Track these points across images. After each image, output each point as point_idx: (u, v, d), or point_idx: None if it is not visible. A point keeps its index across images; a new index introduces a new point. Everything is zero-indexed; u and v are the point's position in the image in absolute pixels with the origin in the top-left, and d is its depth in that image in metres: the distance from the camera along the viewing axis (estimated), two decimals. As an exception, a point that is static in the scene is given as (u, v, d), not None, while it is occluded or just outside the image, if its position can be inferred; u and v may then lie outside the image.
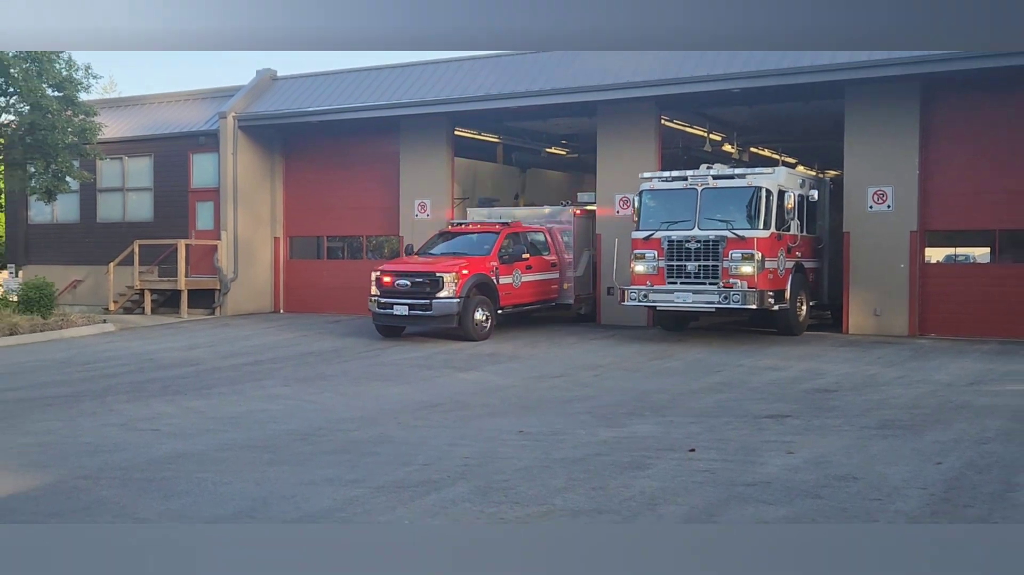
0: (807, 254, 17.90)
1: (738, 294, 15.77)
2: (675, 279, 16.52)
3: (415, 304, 17.08)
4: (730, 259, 15.96)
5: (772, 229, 16.22)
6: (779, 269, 16.48)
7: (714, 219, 16.30)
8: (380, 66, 23.62)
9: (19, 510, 6.99)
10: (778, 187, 16.39)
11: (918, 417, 10.08)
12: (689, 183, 16.67)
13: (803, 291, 17.63)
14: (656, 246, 16.74)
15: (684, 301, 16.40)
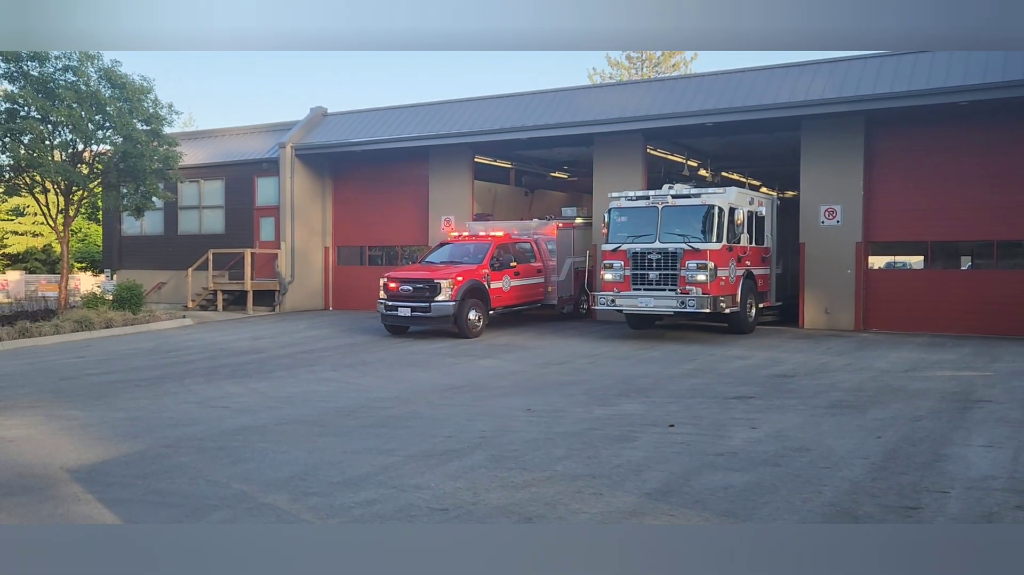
0: (756, 262, 17.35)
1: (693, 300, 15.37)
2: (639, 286, 16.15)
3: (416, 307, 16.87)
4: (687, 268, 15.58)
5: (724, 242, 15.79)
6: (730, 277, 16.06)
7: (673, 233, 15.91)
8: (413, 104, 23.58)
9: (113, 473, 7.02)
10: (729, 205, 15.96)
11: (862, 398, 10.00)
12: (651, 201, 16.34)
13: (752, 295, 17.15)
14: (622, 257, 16.37)
15: (647, 305, 16.03)
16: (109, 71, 20.45)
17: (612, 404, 9.87)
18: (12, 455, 7.72)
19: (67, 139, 20.66)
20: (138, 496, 6.28)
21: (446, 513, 5.68)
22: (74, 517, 5.78)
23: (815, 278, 18.45)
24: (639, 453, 7.35)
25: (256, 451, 7.69)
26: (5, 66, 19.80)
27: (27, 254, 51.38)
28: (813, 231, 18.46)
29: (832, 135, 18.16)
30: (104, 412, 9.86)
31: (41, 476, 6.92)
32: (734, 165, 26.11)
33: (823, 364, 13.03)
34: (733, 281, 16.19)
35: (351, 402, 10.28)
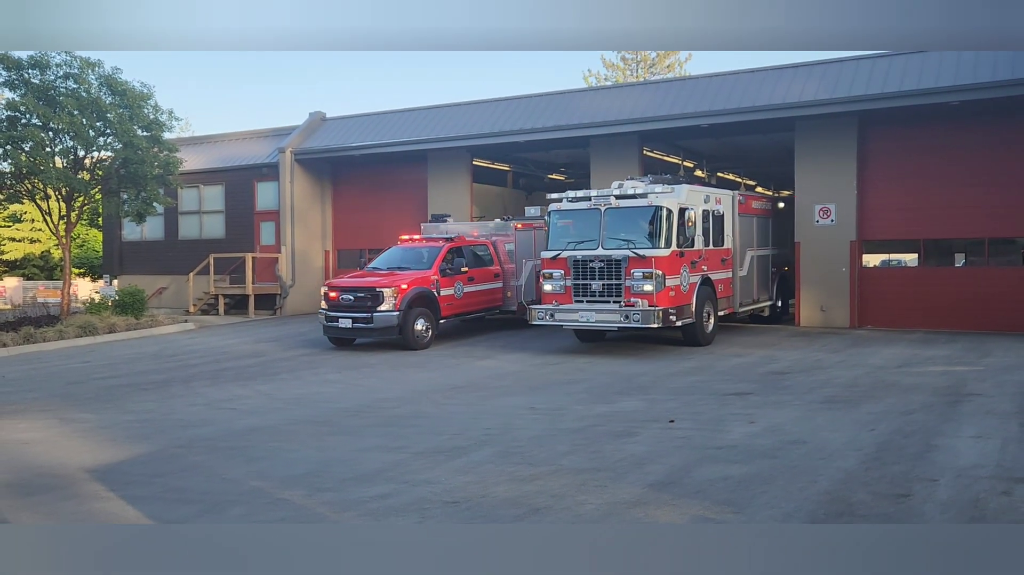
0: (715, 266, 15.75)
1: (638, 313, 13.69)
2: (581, 298, 14.52)
3: (358, 317, 15.66)
4: (632, 278, 13.96)
5: (673, 247, 14.15)
6: (682, 285, 14.41)
7: (618, 238, 14.31)
8: (411, 108, 23.81)
9: (130, 472, 7.24)
10: (679, 205, 14.35)
11: (855, 394, 10.25)
12: (593, 203, 14.71)
13: (710, 303, 15.49)
14: (563, 265, 14.72)
15: (588, 320, 14.32)
16: (110, 78, 20.65)
17: (612, 402, 10.11)
18: (30, 456, 7.94)
19: (68, 146, 20.85)
20: (157, 494, 6.51)
21: (457, 506, 5.91)
22: (98, 514, 6.01)
23: (810, 277, 18.71)
24: (641, 447, 7.59)
25: (268, 450, 7.92)
26: (6, 74, 20.00)
27: (24, 260, 51.49)
28: (808, 230, 18.71)
29: (826, 135, 18.42)
30: (114, 415, 10.08)
31: (60, 476, 7.14)
32: (730, 165, 26.38)
33: (818, 361, 13.28)
34: (686, 290, 14.57)
35: (357, 402, 10.51)
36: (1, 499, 6.44)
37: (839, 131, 18.26)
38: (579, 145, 21.73)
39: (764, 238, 18.22)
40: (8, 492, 6.65)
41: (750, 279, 17.49)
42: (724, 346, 15.34)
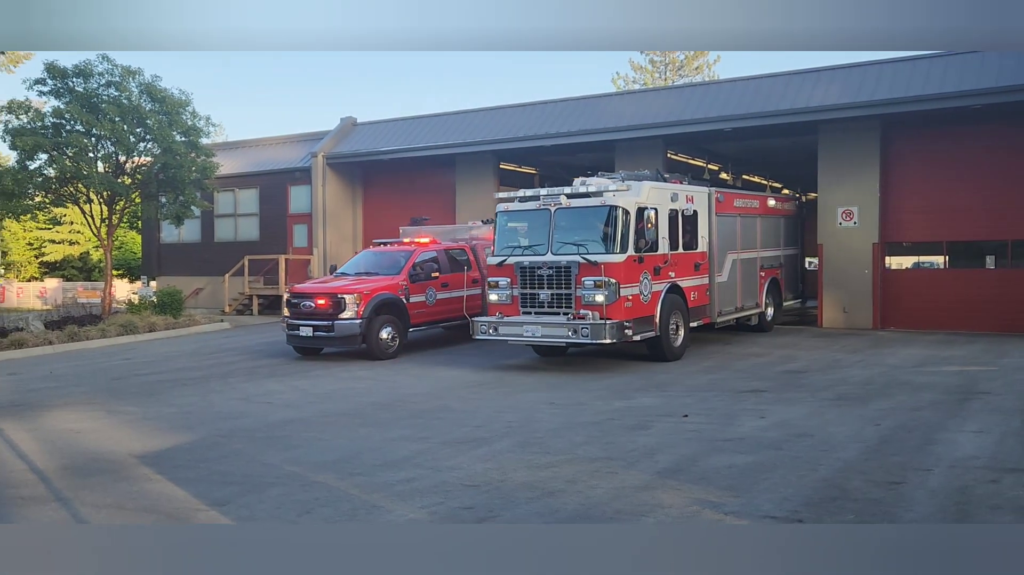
0: (685, 272, 14.29)
1: (587, 327, 12.24)
2: (529, 309, 13.12)
3: (319, 325, 14.81)
4: (583, 287, 12.53)
5: (630, 252, 12.67)
6: (642, 294, 12.95)
7: (569, 242, 12.90)
8: (440, 113, 24.38)
9: (176, 457, 7.83)
10: (637, 205, 12.88)
11: (868, 391, 10.57)
12: (542, 202, 13.31)
13: (678, 314, 13.94)
14: (509, 273, 13.33)
15: (533, 335, 12.89)
16: (150, 86, 21.47)
17: (630, 398, 10.54)
18: (83, 444, 8.57)
19: (110, 151, 21.70)
20: (202, 476, 7.07)
21: (477, 489, 6.40)
22: (149, 493, 6.58)
23: (833, 278, 18.96)
24: (653, 439, 8.02)
25: (303, 439, 8.48)
26: (52, 82, 20.89)
27: (64, 262, 52.97)
28: (831, 232, 18.97)
29: (848, 138, 18.67)
30: (158, 408, 10.71)
31: (112, 461, 7.74)
32: (755, 168, 26.62)
33: (836, 360, 13.58)
34: (648, 299, 13.11)
35: (386, 397, 11.05)
36: (62, 480, 7.05)
37: (862, 134, 18.50)
38: (605, 149, 22.12)
39: (749, 240, 16.85)
40: (67, 474, 7.25)
41: (732, 285, 16.04)
42: (744, 345, 15.65)
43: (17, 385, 12.94)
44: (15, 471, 7.43)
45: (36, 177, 21.50)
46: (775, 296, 18.13)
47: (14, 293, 43.88)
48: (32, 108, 21.09)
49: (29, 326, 19.11)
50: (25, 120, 20.87)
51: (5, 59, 32.75)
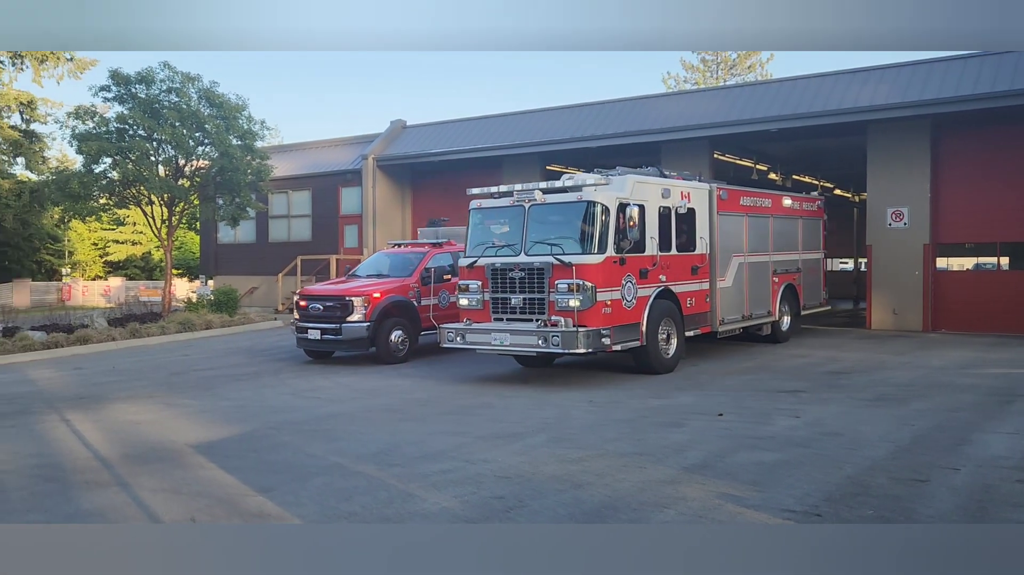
0: (680, 276, 13.14)
1: (558, 335, 11.21)
2: (501, 315, 12.16)
3: (327, 328, 14.58)
4: (556, 291, 11.52)
5: (609, 252, 11.60)
6: (625, 299, 11.85)
7: (544, 242, 11.94)
8: (487, 116, 24.76)
9: (228, 448, 8.28)
10: (618, 200, 11.80)
11: (908, 392, 10.58)
12: (516, 199, 12.37)
13: (670, 322, 12.79)
14: (480, 276, 12.42)
15: (501, 343, 11.86)
16: (208, 91, 22.27)
17: (667, 396, 10.72)
18: (143, 434, 9.09)
19: (170, 155, 22.55)
20: (251, 465, 7.50)
21: (509, 480, 6.69)
22: (203, 479, 7.01)
23: (882, 280, 18.81)
24: (684, 436, 8.22)
25: (346, 432, 8.87)
26: (116, 89, 21.80)
27: (127, 261, 54.77)
28: (880, 233, 18.82)
29: (898, 138, 18.50)
30: (213, 401, 11.24)
31: (170, 450, 8.22)
32: (804, 168, 26.47)
33: (880, 362, 13.54)
34: (632, 305, 11.99)
35: (428, 394, 11.41)
36: (123, 467, 7.54)
37: (912, 134, 18.32)
38: (651, 151, 22.23)
39: (760, 242, 15.58)
40: (128, 461, 7.75)
41: (737, 292, 14.77)
42: (787, 346, 15.64)
43: (83, 379, 13.65)
44: (81, 458, 7.96)
45: (101, 180, 22.44)
46: (792, 304, 16.70)
47: (80, 291, 45.56)
48: (97, 114, 22.04)
49: (94, 323, 19.99)
50: (91, 125, 21.81)
51: (73, 66, 34.04)
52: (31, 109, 33.99)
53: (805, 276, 17.19)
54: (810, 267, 17.51)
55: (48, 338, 17.77)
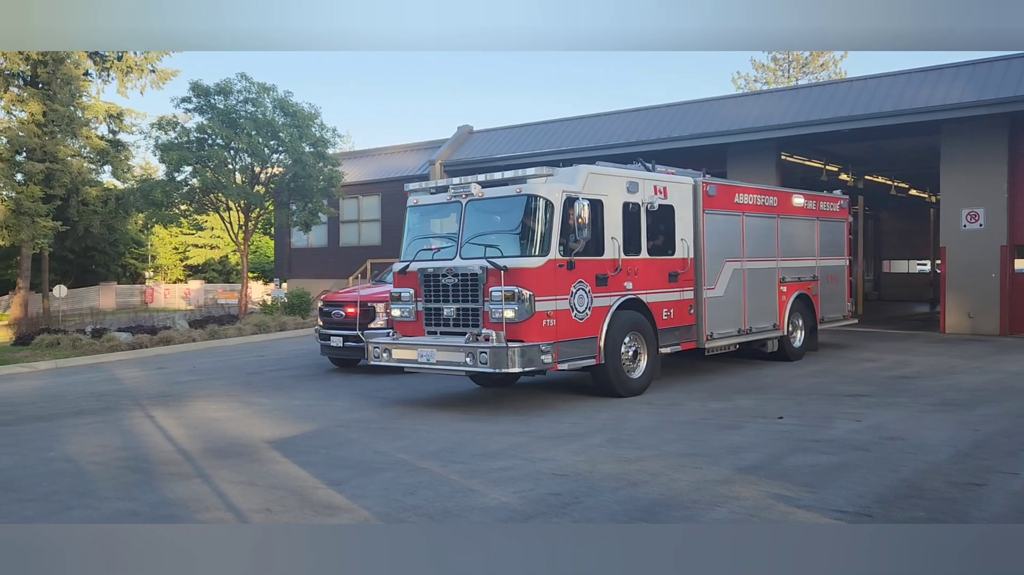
0: (653, 283, 11.54)
1: (486, 352, 9.71)
2: (434, 327, 10.72)
3: (349, 335, 13.90)
4: (491, 300, 9.97)
5: (553, 254, 10.06)
6: (575, 310, 10.29)
7: (482, 243, 10.51)
8: (551, 120, 25.04)
9: (300, 444, 8.72)
10: (565, 195, 10.26)
11: (976, 398, 10.44)
12: (452, 194, 10.90)
13: (638, 336, 11.19)
14: (413, 282, 10.95)
15: (428, 361, 10.40)
16: (283, 101, 23.10)
17: (727, 399, 10.80)
18: (222, 430, 9.63)
19: (246, 163, 23.47)
20: (321, 460, 7.91)
21: (566, 478, 6.92)
22: (276, 473, 7.45)
23: (957, 282, 18.41)
24: (742, 438, 8.32)
25: (412, 431, 9.23)
26: (196, 100, 22.80)
27: (206, 265, 56.78)
28: (954, 235, 18.43)
29: (973, 138, 18.10)
30: (285, 400, 11.76)
31: (246, 445, 8.71)
32: (877, 168, 25.97)
33: (951, 367, 13.32)
34: (584, 317, 10.44)
35: (491, 392, 11.70)
36: (203, 460, 8.04)
37: (988, 133, 17.91)
38: (717, 153, 22.16)
39: (762, 245, 13.82)
40: (208, 455, 8.25)
41: (732, 302, 13.05)
42: (855, 350, 15.42)
43: (165, 378, 14.39)
44: (165, 452, 8.50)
45: (182, 188, 23.48)
46: (806, 317, 14.84)
47: (162, 294, 47.46)
48: (179, 124, 23.09)
49: (175, 325, 20.94)
50: (173, 135, 22.87)
51: (155, 77, 35.56)
52: (118, 120, 35.64)
53: (824, 285, 15.35)
54: (830, 275, 15.65)
55: (133, 339, 18.73)
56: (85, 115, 33.61)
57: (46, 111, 31.31)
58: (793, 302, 14.38)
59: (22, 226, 29.70)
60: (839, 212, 16.16)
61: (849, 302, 16.48)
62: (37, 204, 30.13)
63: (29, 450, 8.87)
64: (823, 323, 15.40)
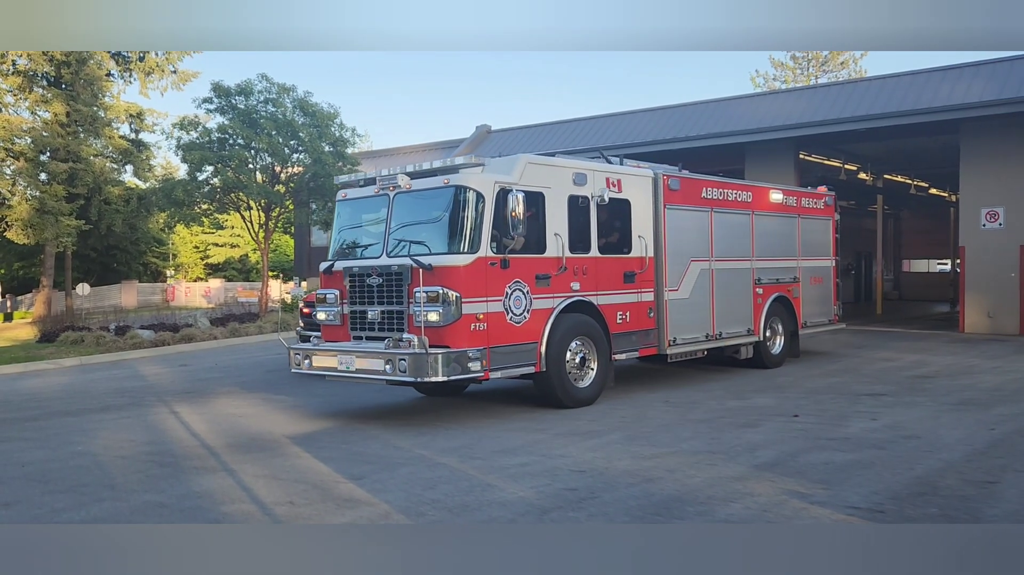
0: (606, 284, 10.71)
1: (405, 359, 8.94)
2: (360, 333, 9.98)
3: None
4: (415, 301, 9.17)
5: (483, 251, 9.26)
6: (511, 312, 9.50)
7: (409, 240, 9.76)
8: (569, 119, 25.15)
9: (321, 439, 8.88)
10: (498, 186, 9.43)
11: (994, 397, 10.45)
12: (380, 187, 10.15)
13: (586, 342, 10.36)
14: (339, 283, 10.27)
15: (348, 368, 9.63)
16: (302, 101, 23.34)
17: (746, 398, 10.86)
18: (245, 425, 9.81)
19: (267, 163, 23.72)
20: (343, 456, 8.06)
21: (583, 474, 7.03)
22: (299, 467, 7.60)
23: (976, 282, 18.36)
24: (759, 436, 8.39)
25: (430, 427, 9.37)
26: (218, 100, 23.07)
27: (225, 263, 57.27)
28: (974, 234, 18.37)
29: (993, 137, 18.04)
30: (306, 397, 11.94)
31: (269, 440, 8.88)
32: (897, 167, 25.88)
33: (970, 366, 13.31)
34: (523, 319, 9.65)
35: (511, 385, 11.83)
36: (227, 455, 8.21)
37: (1008, 132, 17.85)
38: (735, 152, 22.19)
39: (734, 244, 12.94)
40: (232, 450, 8.43)
41: (699, 305, 12.19)
42: (874, 350, 15.41)
43: (188, 375, 14.62)
44: (190, 446, 8.69)
45: (203, 187, 23.77)
46: (785, 321, 14.00)
47: (183, 292, 47.94)
48: (200, 124, 23.38)
49: (197, 323, 21.22)
50: (194, 135, 23.15)
51: (176, 78, 35.94)
52: (140, 120, 36.06)
53: (806, 288, 14.43)
54: (814, 276, 14.73)
55: (156, 336, 19.01)
56: (107, 115, 34.04)
57: (69, 111, 31.75)
58: (771, 305, 13.53)
59: (46, 225, 30.12)
60: (824, 209, 15.16)
61: (836, 305, 15.38)
62: (60, 203, 30.55)
63: (57, 444, 9.08)
64: (806, 328, 14.45)
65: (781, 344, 13.96)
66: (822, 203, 15.18)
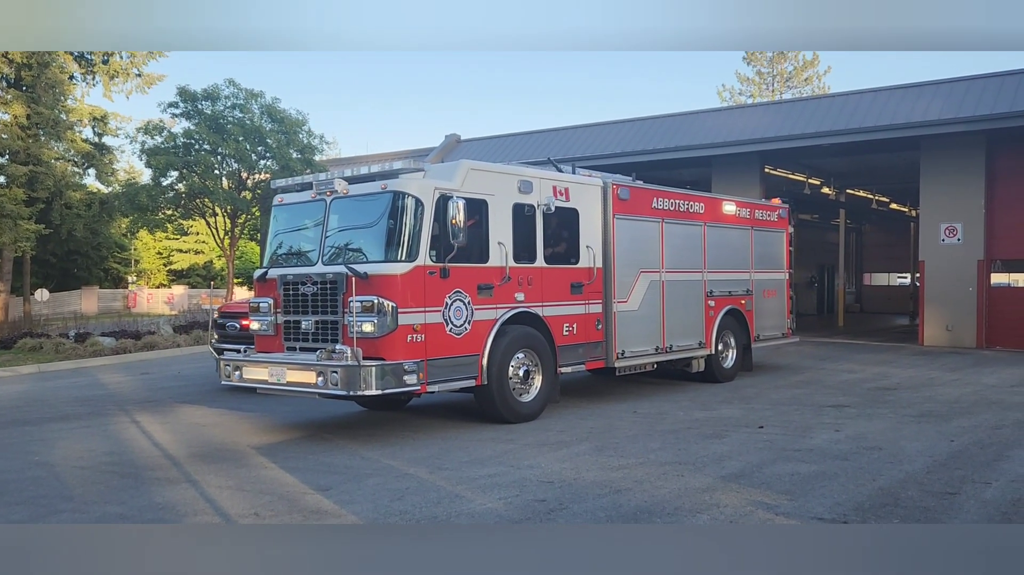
0: (552, 295, 10.48)
1: (337, 371, 8.57)
2: (294, 343, 9.61)
3: (247, 350, 11.14)
4: (350, 311, 8.81)
5: (422, 260, 8.97)
6: (451, 324, 9.24)
7: (345, 247, 9.49)
8: (541, 130, 25.25)
9: (287, 450, 8.78)
10: (437, 193, 9.18)
11: (954, 409, 10.65)
12: (317, 192, 9.77)
13: (531, 355, 10.14)
14: (272, 291, 9.90)
15: (279, 381, 9.17)
16: (270, 107, 23.18)
17: (712, 409, 10.95)
18: (208, 436, 9.68)
19: (233, 168, 23.51)
20: (310, 466, 7.98)
21: (551, 485, 7.03)
22: (265, 479, 7.51)
23: (935, 295, 18.73)
24: (726, 447, 8.46)
25: (399, 437, 9.32)
26: (184, 105, 22.83)
27: (190, 270, 56.52)
28: (933, 249, 18.75)
29: (952, 154, 18.45)
30: (272, 406, 11.80)
31: (234, 451, 8.76)
32: (859, 182, 26.34)
33: (930, 379, 13.56)
34: (463, 331, 9.38)
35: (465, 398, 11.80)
36: (191, 465, 8.09)
37: (966, 149, 18.27)
38: (702, 165, 22.47)
39: (685, 256, 12.75)
40: (196, 460, 8.31)
41: (649, 317, 12.00)
42: (838, 362, 15.63)
43: (150, 383, 14.39)
44: (152, 457, 8.55)
45: (167, 193, 23.48)
46: (737, 335, 13.83)
47: (145, 299, 47.23)
48: (165, 129, 23.10)
49: (160, 330, 20.91)
50: (159, 140, 22.87)
51: (141, 81, 35.44)
52: (103, 123, 35.50)
53: (760, 301, 14.28)
54: (767, 289, 14.56)
55: (117, 344, 18.69)
56: (70, 118, 33.46)
57: (30, 114, 31.15)
58: (722, 318, 13.36)
59: (4, 229, 29.46)
60: (778, 222, 14.98)
61: (789, 318, 15.19)
62: (20, 207, 29.89)
63: (14, 454, 8.89)
64: (759, 341, 14.31)
65: (733, 358, 13.79)
66: (776, 215, 15.04)
